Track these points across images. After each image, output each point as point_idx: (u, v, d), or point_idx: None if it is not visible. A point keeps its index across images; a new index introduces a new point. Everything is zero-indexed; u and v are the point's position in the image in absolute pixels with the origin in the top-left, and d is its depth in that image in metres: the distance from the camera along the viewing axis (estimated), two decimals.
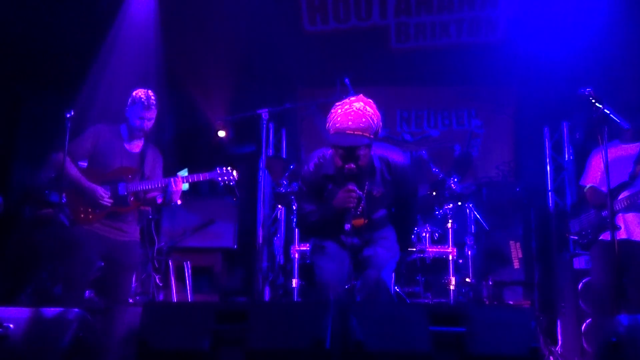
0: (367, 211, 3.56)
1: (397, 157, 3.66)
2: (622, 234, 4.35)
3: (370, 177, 3.57)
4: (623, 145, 4.58)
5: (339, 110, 3.39)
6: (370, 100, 3.49)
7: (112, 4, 6.79)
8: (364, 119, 3.33)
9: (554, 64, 6.98)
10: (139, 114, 4.33)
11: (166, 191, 4.33)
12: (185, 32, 7.19)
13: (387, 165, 3.59)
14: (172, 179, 4.32)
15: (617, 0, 6.37)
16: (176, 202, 4.42)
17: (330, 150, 3.53)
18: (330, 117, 3.43)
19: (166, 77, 6.81)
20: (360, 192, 3.46)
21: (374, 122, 3.37)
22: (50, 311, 3.17)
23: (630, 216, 4.42)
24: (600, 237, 4.46)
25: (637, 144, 4.54)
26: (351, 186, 3.41)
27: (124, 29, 6.89)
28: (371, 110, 3.40)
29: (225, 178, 4.52)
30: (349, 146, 3.34)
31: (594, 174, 4.68)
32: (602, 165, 4.36)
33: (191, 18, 7.11)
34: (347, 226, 3.40)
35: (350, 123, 3.32)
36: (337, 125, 3.36)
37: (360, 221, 3.54)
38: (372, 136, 3.40)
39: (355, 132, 3.31)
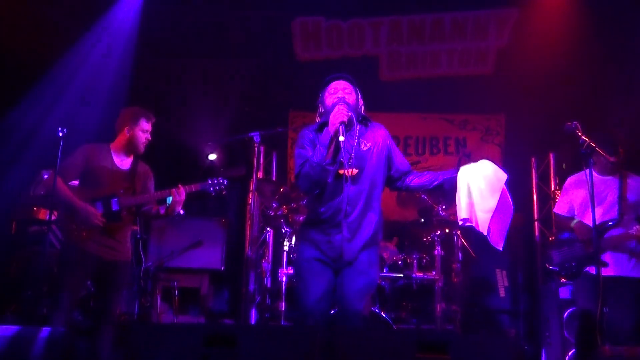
0: (357, 163, 3.62)
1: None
2: (609, 271, 4.41)
3: (363, 123, 3.75)
4: (599, 177, 4.65)
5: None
6: None
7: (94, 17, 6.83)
8: (351, 79, 3.79)
9: (543, 95, 7.11)
10: (143, 127, 4.44)
11: (171, 201, 4.39)
12: (172, 52, 7.24)
13: (381, 129, 3.80)
14: (174, 189, 4.38)
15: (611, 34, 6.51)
16: (179, 212, 4.48)
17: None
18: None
19: (156, 99, 6.84)
20: (351, 112, 3.58)
21: (358, 88, 3.79)
22: (37, 330, 3.16)
23: (618, 254, 4.49)
24: (586, 269, 4.50)
25: (615, 177, 4.64)
26: (342, 105, 3.59)
27: (104, 45, 6.92)
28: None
29: (217, 188, 4.55)
30: (343, 74, 3.73)
31: (570, 202, 4.78)
32: (581, 194, 4.64)
33: (181, 37, 7.16)
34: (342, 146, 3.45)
35: (340, 74, 3.78)
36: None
37: (352, 170, 3.58)
38: (357, 90, 3.77)
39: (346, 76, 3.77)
